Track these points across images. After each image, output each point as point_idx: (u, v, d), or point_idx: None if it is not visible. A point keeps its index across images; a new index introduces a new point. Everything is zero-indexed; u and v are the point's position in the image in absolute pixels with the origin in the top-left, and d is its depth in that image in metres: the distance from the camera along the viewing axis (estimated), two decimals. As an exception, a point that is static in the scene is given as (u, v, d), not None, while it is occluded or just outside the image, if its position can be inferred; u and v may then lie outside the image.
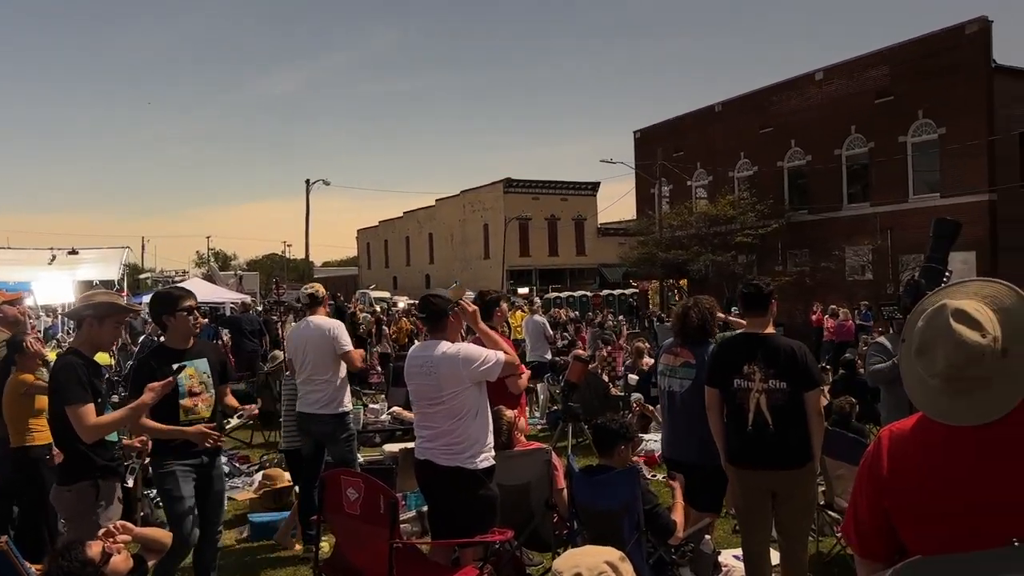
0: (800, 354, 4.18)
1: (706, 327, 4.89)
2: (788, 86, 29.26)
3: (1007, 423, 1.68)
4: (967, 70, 23.08)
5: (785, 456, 4.16)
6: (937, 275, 3.55)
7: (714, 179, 32.59)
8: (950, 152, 23.65)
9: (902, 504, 1.79)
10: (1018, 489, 1.66)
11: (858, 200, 26.94)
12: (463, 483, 4.08)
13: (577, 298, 38.22)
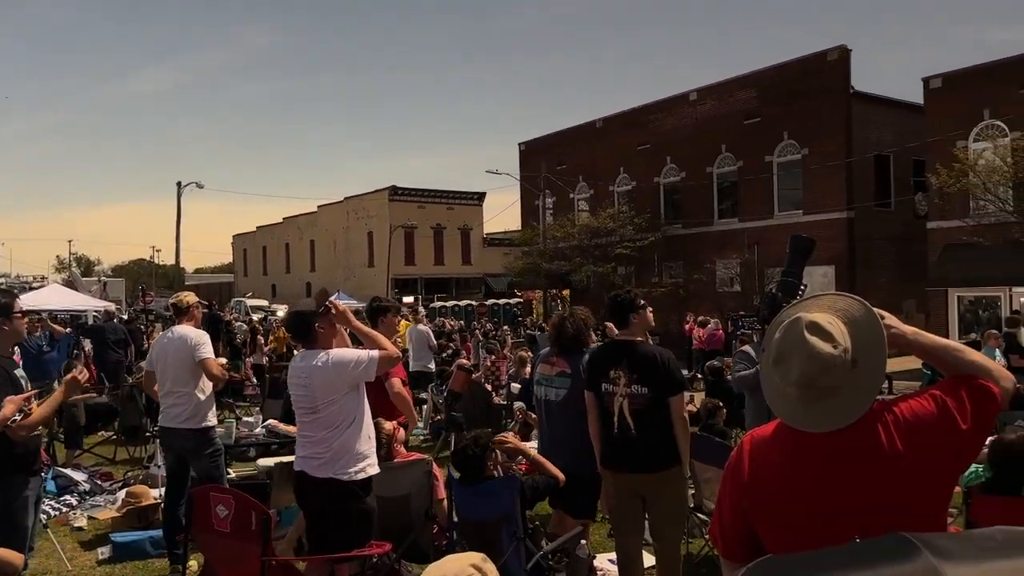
0: (663, 361, 4.35)
1: (580, 337, 5.02)
2: (664, 105, 30.47)
3: (852, 429, 1.81)
4: (828, 95, 24.74)
5: (650, 460, 4.32)
6: (793, 288, 3.79)
7: (596, 193, 33.48)
8: (812, 172, 25.25)
9: (760, 506, 1.89)
10: (861, 493, 1.78)
11: (728, 216, 28.31)
12: (337, 495, 4.00)
13: (463, 307, 38.27)
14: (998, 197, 18.89)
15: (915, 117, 23.84)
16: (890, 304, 15.18)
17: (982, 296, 21.20)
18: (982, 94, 20.95)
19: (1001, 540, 1.43)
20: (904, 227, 25.12)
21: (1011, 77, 20.42)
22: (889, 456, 1.76)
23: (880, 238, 25.11)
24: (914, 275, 23.88)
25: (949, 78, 22.01)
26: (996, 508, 4.05)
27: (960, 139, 21.05)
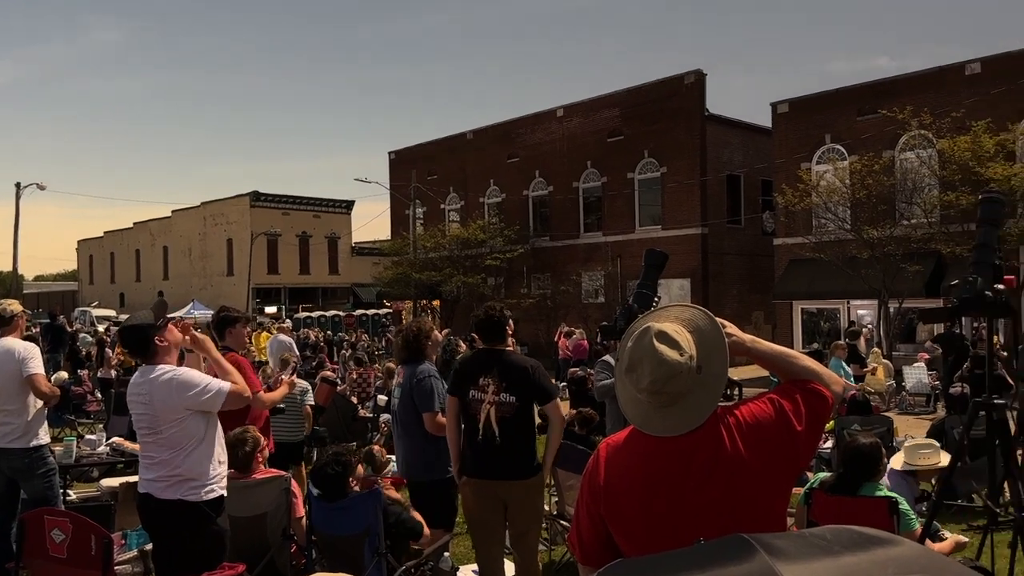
0: (532, 370, 4.42)
1: (412, 347, 5.06)
2: (533, 120, 31.07)
3: (698, 432, 1.89)
4: (685, 116, 25.99)
5: (513, 467, 4.36)
6: (648, 300, 3.94)
7: (466, 203, 33.64)
8: (670, 189, 26.42)
9: (615, 510, 1.93)
10: (707, 494, 1.86)
11: (593, 229, 29.15)
12: (186, 518, 3.78)
13: (329, 318, 37.42)
14: (837, 216, 20.45)
15: (764, 139, 25.49)
16: (740, 315, 16.21)
17: (823, 308, 22.84)
18: (824, 120, 22.65)
19: (830, 539, 1.52)
20: (753, 243, 26.72)
21: (849, 104, 22.19)
22: (731, 457, 1.85)
23: (732, 253, 26.59)
24: (762, 288, 25.43)
25: (794, 104, 23.65)
26: (834, 507, 4.33)
27: (804, 161, 22.65)
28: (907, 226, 19.15)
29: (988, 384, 3.76)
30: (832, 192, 20.47)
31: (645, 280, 4.07)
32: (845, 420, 8.48)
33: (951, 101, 19.45)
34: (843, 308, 21.85)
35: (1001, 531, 4.44)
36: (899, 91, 20.82)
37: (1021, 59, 19.06)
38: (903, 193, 19.74)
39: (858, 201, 19.87)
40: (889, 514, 4.12)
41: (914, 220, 19.15)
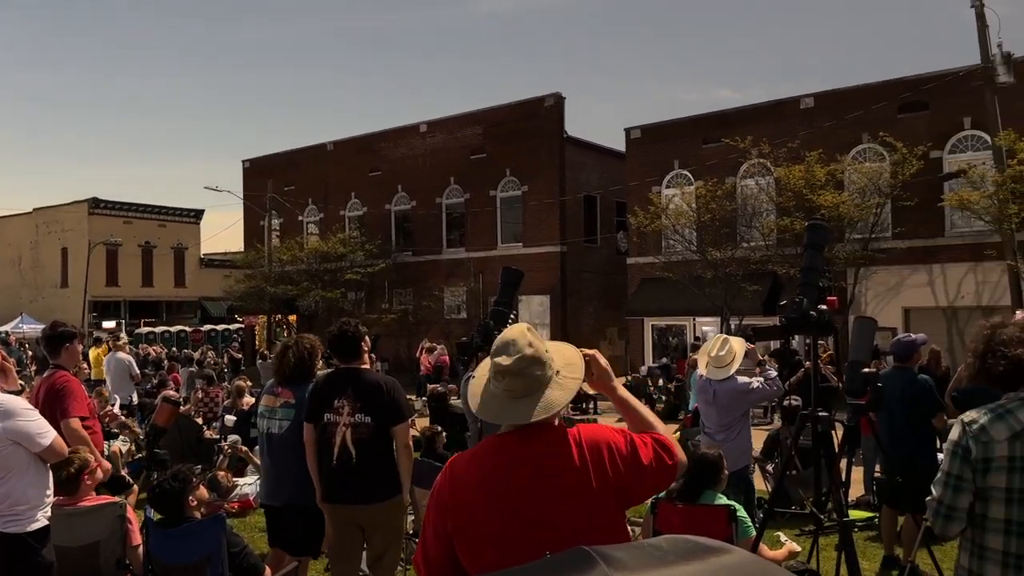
0: (387, 389, 4.34)
1: (305, 366, 4.84)
2: (396, 134, 30.88)
3: (549, 446, 1.95)
4: (545, 137, 26.65)
5: (371, 491, 4.26)
6: (504, 316, 3.99)
7: (326, 216, 32.89)
8: (531, 208, 26.96)
9: (461, 525, 1.94)
10: (555, 506, 1.91)
11: (456, 245, 29.26)
12: (7, 550, 3.46)
13: (175, 334, 35.44)
14: (684, 237, 21.57)
15: (618, 163, 26.53)
16: (596, 331, 16.65)
17: (672, 325, 23.96)
18: (673, 146, 23.87)
19: (666, 549, 1.58)
20: (608, 262, 27.70)
21: (696, 133, 23.51)
22: (579, 471, 1.93)
23: (588, 271, 27.45)
24: (616, 305, 26.38)
25: (646, 130, 24.80)
26: (678, 516, 4.52)
27: (655, 185, 23.76)
28: (747, 248, 20.46)
29: (813, 398, 4.07)
30: (680, 215, 21.58)
31: (501, 297, 4.12)
32: (690, 431, 8.89)
33: (787, 132, 21.01)
34: (689, 325, 23.01)
35: (828, 535, 4.79)
36: (740, 122, 22.26)
37: (849, 96, 20.87)
38: (744, 217, 21.10)
39: (703, 224, 21.05)
40: (728, 522, 4.35)
41: (753, 243, 20.48)
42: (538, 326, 26.14)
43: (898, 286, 19.85)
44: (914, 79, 19.85)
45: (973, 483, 2.40)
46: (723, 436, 5.84)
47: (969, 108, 18.69)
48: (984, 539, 2.40)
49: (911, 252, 19.59)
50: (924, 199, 18.89)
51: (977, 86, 17.39)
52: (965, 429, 2.44)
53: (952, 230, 19.37)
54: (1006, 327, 2.54)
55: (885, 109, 19.87)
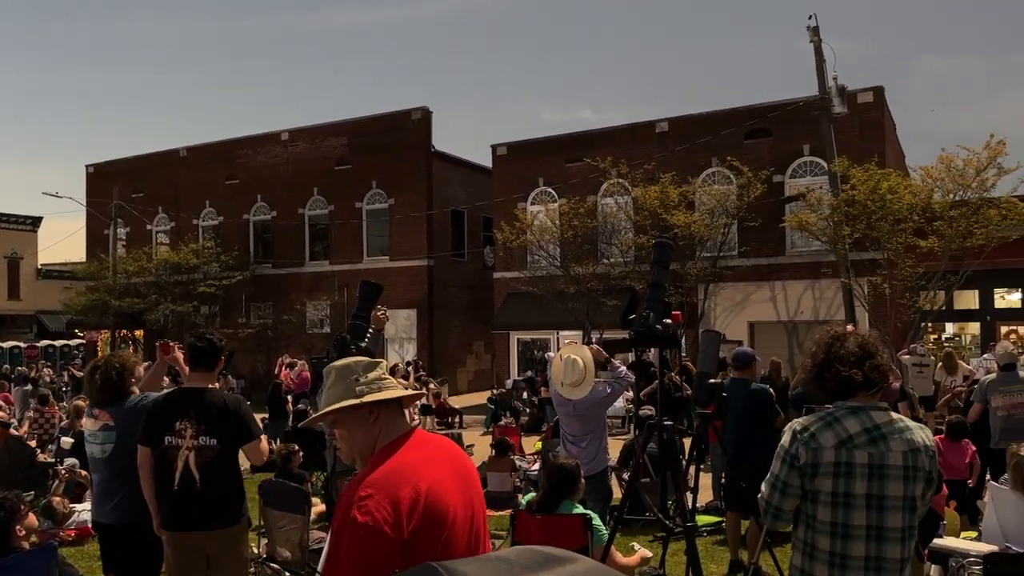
0: (234, 408, 4.16)
1: (114, 386, 4.48)
2: (256, 141, 29.84)
3: (467, 460, 2.23)
4: (412, 151, 26.54)
5: (215, 516, 4.07)
6: (362, 331, 3.92)
7: (178, 225, 31.29)
8: (398, 221, 26.74)
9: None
10: (481, 515, 2.17)
11: (319, 258, 28.57)
12: None
13: (7, 350, 32.59)
14: (549, 253, 22.05)
15: (485, 178, 26.81)
16: (463, 345, 16.73)
17: (537, 338, 24.38)
18: (537, 164, 24.39)
19: (513, 560, 1.60)
20: (475, 276, 27.88)
21: (559, 151, 24.13)
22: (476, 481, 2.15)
23: (455, 285, 27.51)
24: (483, 319, 26.56)
25: (512, 147, 25.21)
26: (536, 526, 4.58)
27: (520, 201, 24.16)
28: (607, 264, 21.16)
29: (660, 408, 4.24)
30: (544, 231, 22.07)
31: (359, 311, 4.05)
32: (550, 443, 9.06)
33: (644, 154, 21.94)
34: (553, 338, 23.50)
35: (678, 541, 4.99)
36: (601, 142, 23.08)
37: (700, 122, 22.07)
38: (604, 235, 21.84)
39: (566, 240, 21.62)
40: (585, 530, 4.45)
41: (613, 259, 21.21)
42: (404, 340, 25.94)
43: (744, 301, 21.10)
44: (759, 107, 21.24)
45: (800, 488, 2.56)
46: (584, 443, 6.01)
47: (808, 136, 20.20)
48: (814, 540, 2.57)
49: (755, 269, 20.89)
50: (767, 220, 20.23)
51: (815, 116, 18.84)
52: (796, 436, 2.61)
53: (792, 249, 20.82)
54: (846, 341, 2.68)
55: (733, 135, 21.16)
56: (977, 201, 16.61)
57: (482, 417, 18.42)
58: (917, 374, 12.47)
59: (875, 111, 20.16)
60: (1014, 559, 4.65)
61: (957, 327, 21.57)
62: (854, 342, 2.66)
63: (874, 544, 2.48)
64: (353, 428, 2.16)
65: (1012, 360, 7.72)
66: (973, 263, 16.64)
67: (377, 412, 2.13)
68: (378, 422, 2.13)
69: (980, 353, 17.02)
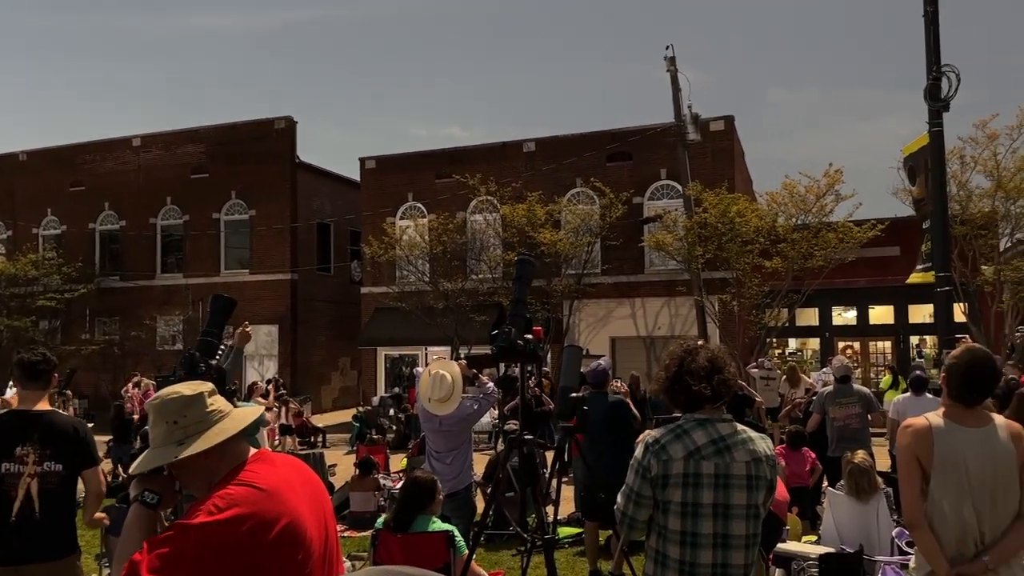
0: (80, 432, 3.89)
1: None
2: (104, 146, 28.05)
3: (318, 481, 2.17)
4: (275, 161, 25.73)
5: (54, 547, 3.78)
6: (212, 348, 3.74)
7: (15, 234, 28.88)
8: (259, 233, 25.83)
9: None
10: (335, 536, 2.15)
11: (172, 270, 27.15)
12: None
13: None
14: (418, 268, 21.95)
15: (353, 192, 26.39)
16: (328, 361, 16.36)
17: (405, 354, 24.15)
18: (407, 178, 24.27)
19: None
20: (342, 291, 27.32)
21: (429, 167, 24.12)
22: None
23: (321, 300, 26.84)
24: (350, 334, 26.04)
25: (381, 161, 24.97)
26: (397, 545, 4.52)
27: (389, 215, 23.94)
28: (476, 280, 21.31)
29: (521, 422, 4.29)
30: (413, 246, 21.97)
31: (210, 327, 3.86)
32: (416, 460, 8.98)
33: (512, 173, 22.31)
34: (422, 354, 23.37)
35: (539, 553, 5.04)
36: (470, 159, 23.27)
37: (566, 143, 22.68)
38: (473, 251, 22.00)
39: (435, 256, 21.61)
40: (447, 546, 4.43)
41: (481, 275, 21.38)
42: (264, 357, 25.03)
43: (606, 317, 21.78)
44: (620, 132, 22.09)
45: (652, 498, 2.65)
46: (450, 460, 5.98)
47: (665, 160, 21.20)
48: (665, 548, 2.66)
49: (617, 287, 21.63)
50: (628, 240, 21.02)
51: (671, 141, 19.80)
52: (648, 448, 2.70)
53: (651, 268, 21.70)
54: (698, 355, 2.78)
55: (596, 157, 21.89)
56: (817, 225, 17.93)
57: (347, 435, 18.02)
58: (764, 387, 13.26)
59: (726, 139, 21.41)
60: (845, 558, 5.01)
61: (799, 342, 23.14)
62: (704, 356, 2.76)
63: (720, 551, 2.59)
64: (183, 472, 2.02)
65: (847, 373, 8.35)
66: (813, 283, 17.93)
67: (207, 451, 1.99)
68: (211, 458, 1.97)
69: (820, 367, 18.35)
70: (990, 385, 3.18)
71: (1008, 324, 17.48)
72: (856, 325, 22.27)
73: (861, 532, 5.60)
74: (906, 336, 21.33)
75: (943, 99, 10.84)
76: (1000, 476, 2.99)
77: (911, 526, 3.15)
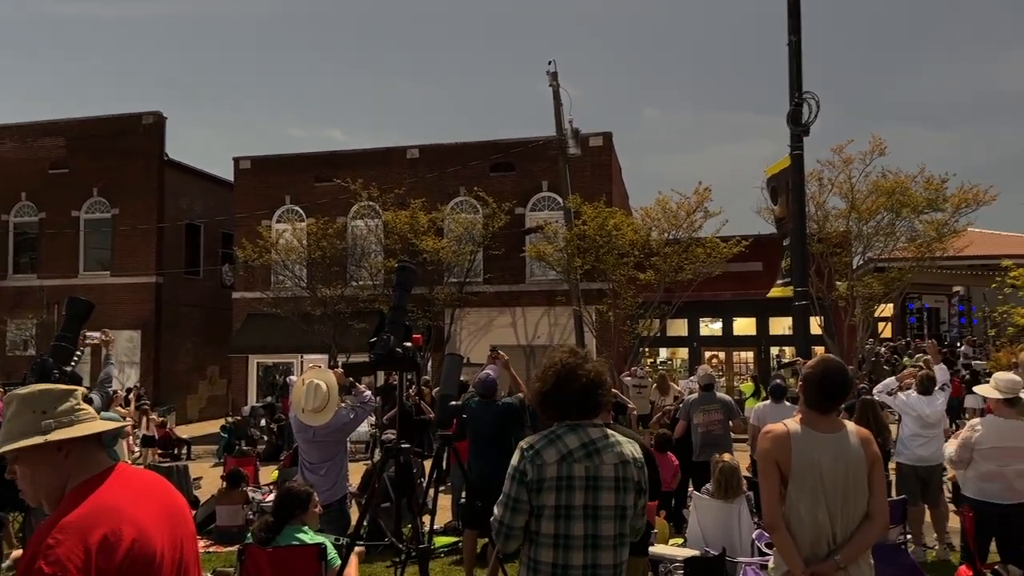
0: None
1: None
2: (-51, 136, 25.80)
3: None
4: (142, 157, 24.39)
5: None
6: (67, 354, 3.49)
7: None
8: (123, 233, 24.39)
9: None
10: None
11: (25, 270, 25.26)
12: None
13: None
14: (295, 274, 21.33)
15: (226, 192, 25.36)
16: (195, 369, 15.74)
17: (279, 362, 23.38)
18: (285, 181, 23.56)
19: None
20: (212, 295, 26.16)
21: (308, 170, 23.52)
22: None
23: (188, 304, 25.61)
24: (219, 341, 24.97)
25: (257, 162, 24.13)
26: (265, 559, 4.36)
27: (265, 218, 23.17)
28: (356, 287, 20.94)
29: (399, 430, 4.24)
30: (290, 251, 21.34)
31: (65, 331, 3.60)
32: (288, 471, 8.70)
33: (395, 179, 22.09)
34: (297, 362, 22.71)
35: (414, 563, 4.99)
36: (352, 164, 22.87)
37: (450, 152, 22.67)
38: (353, 257, 21.61)
39: (314, 261, 21.09)
40: (318, 560, 4.30)
41: (362, 282, 21.03)
42: (125, 364, 23.62)
43: (487, 326, 21.90)
44: (503, 143, 22.32)
45: (529, 503, 2.68)
46: (324, 471, 5.81)
47: (546, 173, 21.58)
48: (538, 553, 2.69)
49: (498, 296, 21.80)
50: (510, 250, 21.25)
51: (553, 154, 20.19)
52: (523, 454, 2.73)
53: (531, 278, 22.00)
54: (575, 376, 2.76)
55: (479, 167, 22.02)
56: (687, 240, 18.72)
57: (215, 447, 17.26)
58: (636, 394, 13.70)
59: (604, 154, 22.03)
60: (709, 561, 5.22)
61: (670, 352, 24.04)
62: (586, 373, 2.78)
63: (591, 552, 2.65)
64: (38, 467, 1.91)
65: (710, 381, 8.74)
66: (683, 295, 18.69)
67: (68, 449, 1.89)
68: (69, 460, 1.90)
69: (688, 375, 19.14)
70: (843, 394, 3.39)
71: (860, 337, 18.81)
72: (722, 336, 23.36)
73: (724, 534, 5.85)
74: (767, 347, 22.56)
75: (803, 124, 11.58)
76: (851, 479, 3.20)
77: (770, 528, 3.32)
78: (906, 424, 7.48)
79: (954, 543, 7.09)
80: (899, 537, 6.09)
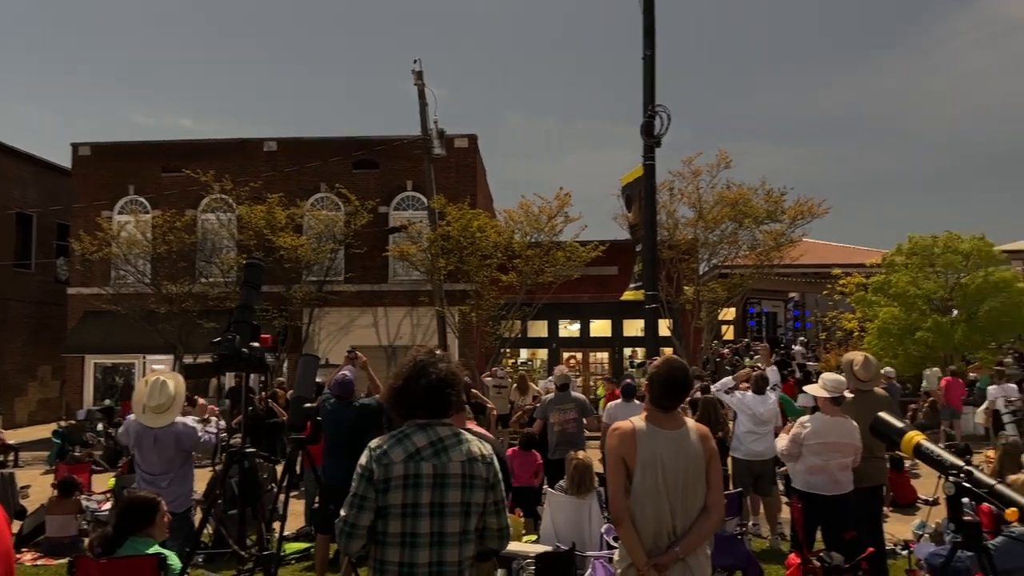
0: None
1: None
2: None
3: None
4: (-36, 139, 22.27)
5: None
6: None
7: None
8: (-61, 220, 22.16)
9: None
10: None
11: None
12: None
13: None
14: (137, 269, 20.06)
15: (63, 180, 23.54)
16: (25, 369, 14.61)
17: (119, 362, 21.94)
18: (128, 170, 22.14)
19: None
20: (44, 290, 24.26)
21: (155, 159, 22.20)
22: None
23: (17, 300, 23.56)
24: (52, 340, 23.17)
25: (98, 149, 22.56)
26: (97, 571, 4.07)
27: (106, 209, 21.69)
28: (205, 284, 19.96)
29: (245, 434, 4.08)
30: (133, 244, 20.08)
31: None
32: (126, 478, 8.19)
33: (251, 172, 21.25)
34: (139, 363, 21.41)
35: (260, 571, 4.81)
36: (203, 154, 21.81)
37: (310, 146, 22.06)
38: (203, 252, 20.58)
39: (159, 256, 19.93)
40: (157, 571, 4.06)
41: (212, 278, 20.08)
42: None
43: (348, 326, 21.48)
44: (367, 140, 21.97)
45: (375, 502, 2.65)
46: (166, 483, 5.46)
47: (411, 172, 21.43)
48: (384, 554, 2.67)
49: (360, 295, 21.44)
50: (372, 249, 20.94)
51: (418, 154, 20.07)
52: (371, 453, 2.71)
53: (395, 278, 21.78)
54: (429, 368, 2.79)
55: (342, 163, 21.57)
56: (548, 243, 19.12)
57: (46, 453, 15.98)
58: (496, 394, 13.81)
59: (469, 156, 22.15)
60: (559, 556, 5.35)
61: (530, 352, 24.49)
62: (437, 372, 2.80)
63: (436, 550, 2.66)
64: None
65: (566, 381, 8.95)
66: (544, 297, 19.08)
67: None
68: None
69: (548, 375, 19.55)
70: (684, 392, 3.57)
71: (704, 339, 19.87)
72: (580, 337, 24.04)
73: (575, 530, 6.02)
74: (621, 347, 23.42)
75: (655, 136, 12.12)
76: (690, 473, 3.37)
77: (616, 522, 3.44)
78: (741, 421, 7.97)
79: (786, 532, 7.60)
80: (736, 528, 6.46)
